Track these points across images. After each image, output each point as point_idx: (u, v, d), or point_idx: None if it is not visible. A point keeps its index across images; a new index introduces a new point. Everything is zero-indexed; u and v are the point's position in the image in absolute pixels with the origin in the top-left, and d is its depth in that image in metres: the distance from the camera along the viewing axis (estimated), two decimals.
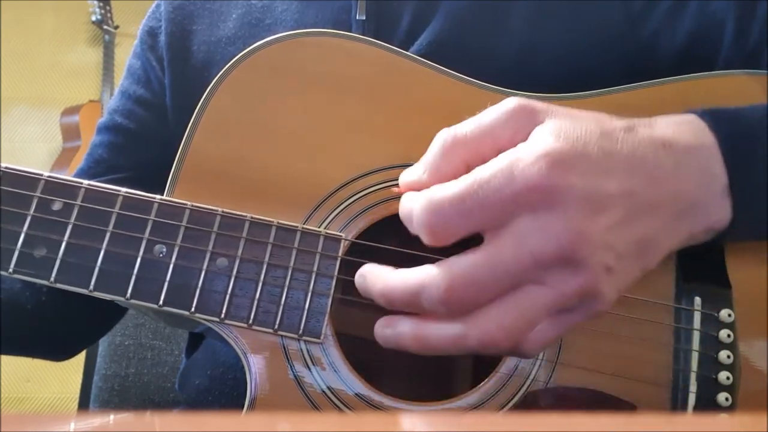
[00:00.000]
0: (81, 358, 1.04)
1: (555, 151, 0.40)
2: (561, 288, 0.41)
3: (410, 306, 0.44)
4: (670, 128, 0.46)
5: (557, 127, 0.42)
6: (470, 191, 0.41)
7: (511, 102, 0.44)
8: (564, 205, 0.40)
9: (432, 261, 0.55)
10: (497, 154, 0.42)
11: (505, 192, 0.40)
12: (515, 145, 0.42)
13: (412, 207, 0.43)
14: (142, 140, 0.74)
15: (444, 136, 0.45)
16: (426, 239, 0.43)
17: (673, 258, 0.53)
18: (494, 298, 0.42)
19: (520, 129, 0.43)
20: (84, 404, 1.08)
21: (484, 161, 0.42)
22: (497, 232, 0.41)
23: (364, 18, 0.66)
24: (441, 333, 0.43)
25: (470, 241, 0.43)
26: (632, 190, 0.42)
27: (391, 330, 0.45)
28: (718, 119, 0.47)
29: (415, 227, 0.43)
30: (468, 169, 0.43)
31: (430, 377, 0.61)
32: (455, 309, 0.42)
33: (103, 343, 1.02)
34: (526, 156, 0.40)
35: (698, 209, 0.45)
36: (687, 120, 0.47)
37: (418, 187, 0.45)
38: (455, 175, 0.43)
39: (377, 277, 0.45)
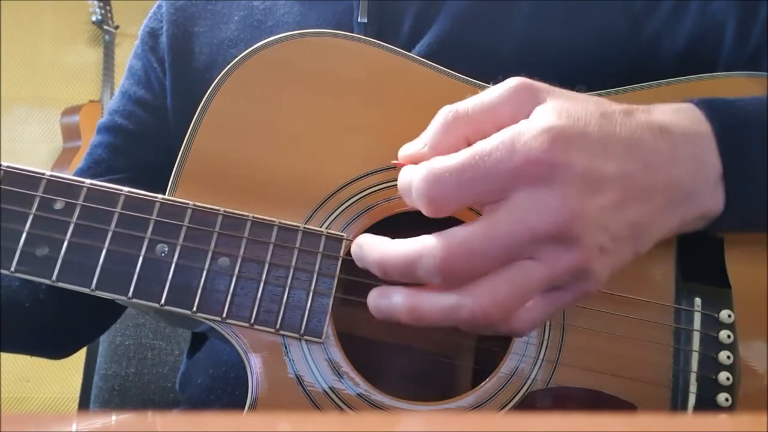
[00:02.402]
0: (81, 358, 1.04)
1: (557, 127, 0.41)
2: (554, 264, 0.42)
3: (405, 275, 0.44)
4: (667, 115, 0.46)
5: (559, 106, 0.42)
6: (471, 162, 0.41)
7: (514, 80, 0.44)
8: (563, 181, 0.41)
9: None
10: (494, 129, 0.43)
11: (505, 164, 0.41)
12: (517, 122, 0.43)
13: (412, 178, 0.43)
14: (142, 141, 0.74)
15: (446, 111, 0.45)
16: (425, 209, 0.43)
17: (673, 258, 0.54)
18: (489, 271, 0.42)
19: (521, 107, 0.44)
20: (84, 404, 1.08)
21: (484, 137, 0.43)
22: (495, 205, 0.42)
23: (365, 21, 0.66)
24: (434, 303, 0.43)
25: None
26: (629, 174, 0.43)
27: (385, 300, 0.46)
28: (714, 109, 0.48)
29: (414, 198, 0.43)
30: (469, 144, 0.43)
31: (431, 377, 0.61)
32: (450, 279, 0.42)
33: (103, 343, 1.02)
34: (527, 131, 0.41)
35: (692, 196, 0.46)
36: (684, 108, 0.48)
37: (417, 160, 0.45)
38: (456, 150, 0.43)
39: (373, 246, 0.46)
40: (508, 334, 0.45)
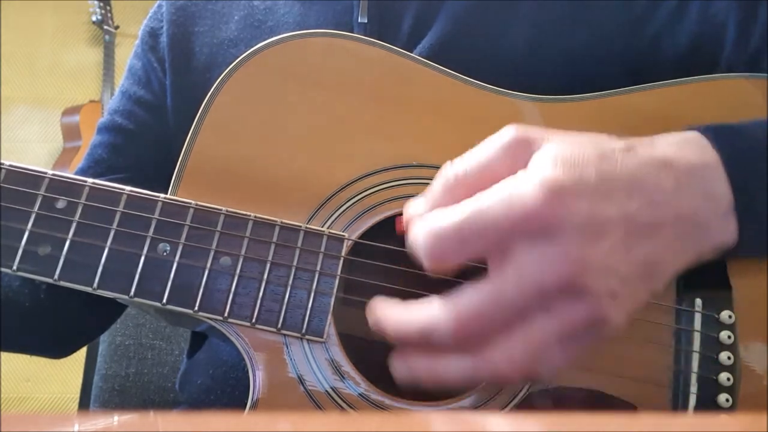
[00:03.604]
0: (81, 358, 1.04)
1: (552, 178, 0.40)
2: (567, 316, 0.41)
3: (422, 343, 0.44)
4: (671, 147, 0.45)
5: (554, 153, 0.42)
6: (469, 219, 0.41)
7: (507, 134, 0.44)
8: (563, 233, 0.40)
9: None
10: (492, 183, 0.43)
11: (503, 221, 0.40)
12: (513, 174, 0.42)
13: (416, 235, 0.44)
14: (142, 141, 0.74)
15: (446, 174, 0.45)
16: (427, 265, 0.44)
17: None
18: (502, 330, 0.42)
19: (518, 158, 0.43)
20: (84, 404, 1.08)
21: (478, 189, 0.43)
22: (499, 262, 0.42)
23: (365, 21, 0.66)
24: (452, 369, 0.44)
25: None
26: (632, 213, 0.42)
27: (405, 367, 0.46)
28: (721, 136, 0.47)
29: (419, 254, 0.44)
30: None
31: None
32: (465, 344, 0.43)
33: (103, 343, 1.02)
34: (523, 184, 0.41)
35: (703, 229, 0.45)
36: (689, 138, 0.47)
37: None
38: (454, 202, 0.43)
39: (388, 319, 0.46)
40: (532, 383, 0.45)
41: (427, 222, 0.43)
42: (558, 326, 0.41)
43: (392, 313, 0.46)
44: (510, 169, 0.43)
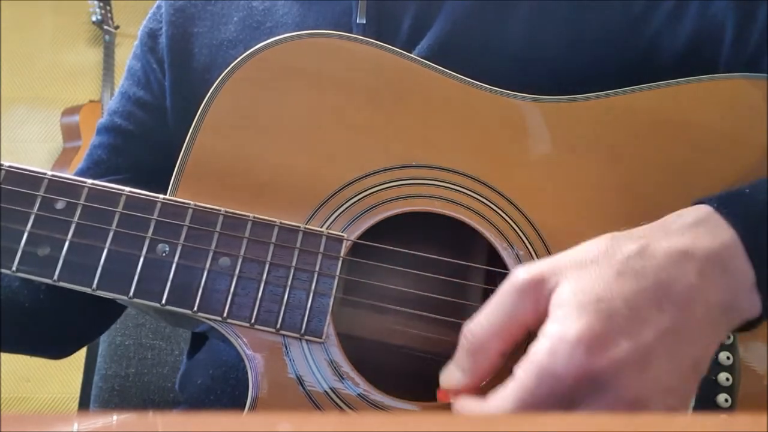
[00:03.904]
0: (81, 358, 1.04)
1: (584, 333, 0.40)
2: None
3: None
4: (686, 235, 0.45)
5: (574, 299, 0.42)
6: (523, 401, 0.41)
7: (517, 280, 0.44)
8: (614, 379, 0.40)
9: (434, 261, 0.55)
10: (525, 331, 0.43)
11: (556, 392, 0.41)
12: (540, 317, 0.43)
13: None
14: (142, 142, 0.74)
15: (468, 338, 0.45)
16: None
17: None
18: None
19: (538, 300, 0.44)
20: (84, 404, 1.08)
21: (515, 343, 0.43)
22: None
23: (364, 22, 0.66)
24: None
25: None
26: (668, 327, 0.42)
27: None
28: (733, 210, 0.46)
29: None
30: (503, 356, 0.44)
31: (432, 377, 0.61)
32: None
33: (103, 343, 1.02)
34: (560, 349, 0.41)
35: (732, 309, 0.45)
36: (702, 218, 0.46)
37: (463, 392, 0.46)
38: (493, 368, 0.44)
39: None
40: None
41: (481, 408, 0.43)
42: None
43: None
44: (534, 313, 0.43)
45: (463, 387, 0.46)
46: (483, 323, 0.45)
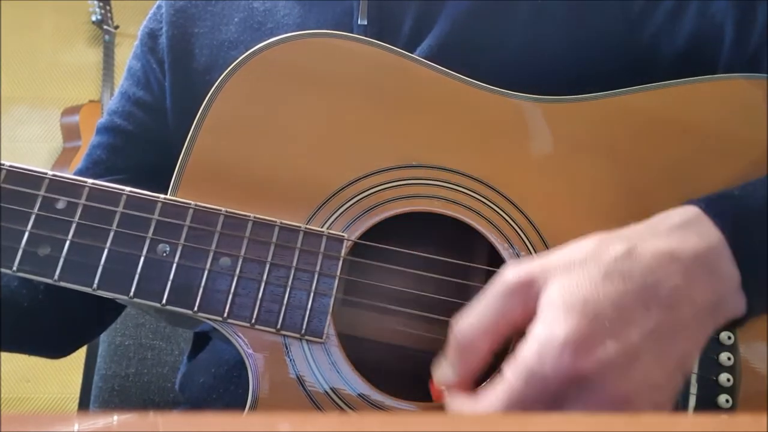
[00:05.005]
0: (81, 358, 1.04)
1: (570, 335, 0.41)
2: None
3: None
4: (673, 236, 0.45)
5: (561, 300, 0.42)
6: (512, 401, 0.42)
7: (506, 280, 0.45)
8: (600, 378, 0.41)
9: (435, 261, 0.55)
10: (513, 330, 0.44)
11: (544, 393, 0.41)
12: (529, 315, 0.43)
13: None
14: (141, 142, 0.74)
15: (457, 336, 0.46)
16: None
17: None
18: None
19: (527, 298, 0.44)
20: (84, 404, 1.08)
21: (504, 340, 0.44)
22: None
23: (365, 23, 0.66)
24: None
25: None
26: (654, 327, 0.42)
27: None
28: (721, 212, 0.47)
29: None
30: (492, 353, 0.45)
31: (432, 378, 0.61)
32: None
33: (103, 343, 1.02)
34: (548, 351, 0.41)
35: (718, 309, 0.45)
36: (689, 220, 0.47)
37: (456, 388, 0.46)
38: (484, 365, 0.45)
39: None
40: None
41: (472, 408, 0.44)
42: None
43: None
44: (523, 312, 0.44)
45: (454, 383, 0.46)
46: (472, 322, 0.45)
